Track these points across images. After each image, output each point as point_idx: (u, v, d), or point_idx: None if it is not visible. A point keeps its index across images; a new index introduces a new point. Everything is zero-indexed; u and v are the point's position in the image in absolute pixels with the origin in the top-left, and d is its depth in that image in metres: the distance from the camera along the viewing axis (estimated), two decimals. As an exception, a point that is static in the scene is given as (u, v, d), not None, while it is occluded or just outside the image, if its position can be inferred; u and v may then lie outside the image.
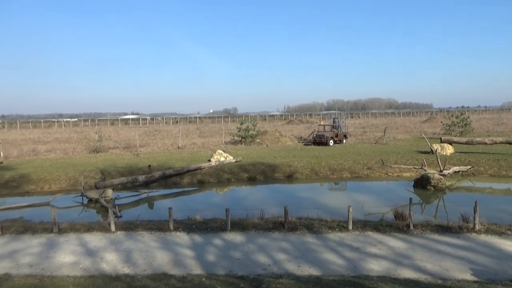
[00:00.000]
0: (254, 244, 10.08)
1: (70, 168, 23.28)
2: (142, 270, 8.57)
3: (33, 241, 10.76)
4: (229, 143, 35.91)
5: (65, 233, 11.42)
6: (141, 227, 11.69)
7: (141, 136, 45.56)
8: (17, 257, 9.54)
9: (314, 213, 12.83)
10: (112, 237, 10.99)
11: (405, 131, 47.12)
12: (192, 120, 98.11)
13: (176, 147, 34.42)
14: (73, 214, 15.67)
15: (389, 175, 21.75)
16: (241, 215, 12.78)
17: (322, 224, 11.46)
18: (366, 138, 38.55)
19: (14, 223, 12.77)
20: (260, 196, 18.63)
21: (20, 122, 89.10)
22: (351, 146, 32.30)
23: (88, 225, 12.14)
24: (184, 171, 21.67)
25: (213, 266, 8.72)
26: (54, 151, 32.97)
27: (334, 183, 21.11)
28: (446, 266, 8.46)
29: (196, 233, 11.09)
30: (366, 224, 11.43)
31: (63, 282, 7.72)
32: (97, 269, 8.68)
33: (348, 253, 9.27)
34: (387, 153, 26.32)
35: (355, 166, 22.79)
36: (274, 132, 39.45)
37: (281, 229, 11.16)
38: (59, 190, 19.64)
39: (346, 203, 12.85)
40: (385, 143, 33.22)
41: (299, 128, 54.90)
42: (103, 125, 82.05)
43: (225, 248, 9.86)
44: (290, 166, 22.84)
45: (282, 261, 8.91)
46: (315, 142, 33.45)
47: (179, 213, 13.14)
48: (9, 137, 50.20)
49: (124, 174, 21.48)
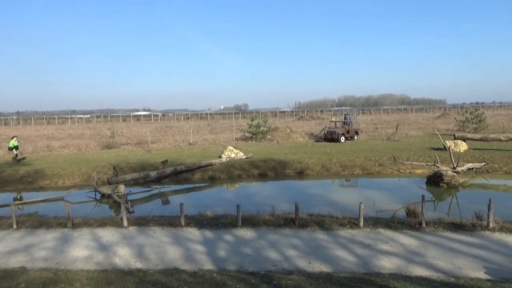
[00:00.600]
0: (265, 240, 10.11)
1: (83, 163, 23.60)
2: (154, 265, 8.67)
3: (47, 236, 10.96)
4: (240, 140, 35.95)
5: (79, 227, 11.61)
6: (153, 223, 11.81)
7: (153, 132, 45.89)
8: (32, 251, 9.73)
9: (325, 210, 12.79)
10: (125, 232, 11.12)
11: (417, 127, 46.56)
12: (203, 117, 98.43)
13: (187, 143, 34.60)
14: (86, 209, 15.90)
15: (401, 172, 21.55)
16: (252, 211, 12.82)
17: (333, 221, 11.43)
18: (377, 134, 38.21)
19: (29, 217, 13.01)
20: (270, 192, 18.64)
21: (34, 119, 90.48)
22: (363, 142, 32.05)
23: (101, 220, 12.30)
24: (195, 167, 21.79)
25: (224, 261, 8.77)
26: (68, 147, 33.43)
27: (345, 180, 21.00)
28: (459, 264, 8.37)
29: (207, 228, 11.16)
30: (377, 221, 11.35)
31: (77, 276, 7.86)
32: (110, 263, 8.80)
33: (359, 250, 9.23)
34: (399, 150, 26.07)
35: (366, 162, 22.63)
36: (285, 128, 39.36)
37: (291, 225, 11.16)
38: (73, 186, 19.94)
39: (358, 200, 12.78)
40: (397, 139, 32.91)
41: (310, 125, 54.66)
42: (115, 121, 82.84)
43: (236, 244, 9.90)
44: (301, 162, 22.79)
45: (292, 257, 8.92)
46: (326, 138, 33.31)
47: (190, 209, 13.22)
48: (24, 133, 51.07)
49: (136, 170, 21.69)
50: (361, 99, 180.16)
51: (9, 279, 7.69)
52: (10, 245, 10.22)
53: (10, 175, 21.28)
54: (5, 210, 14.49)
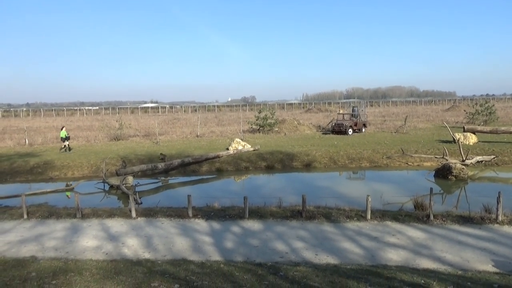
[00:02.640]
0: (272, 232, 10.15)
1: (92, 155, 23.82)
2: (162, 255, 8.76)
3: (57, 226, 11.12)
4: (247, 132, 35.96)
5: (88, 218, 11.76)
6: (161, 214, 11.92)
7: (160, 124, 46.06)
8: (43, 241, 9.89)
9: (332, 202, 12.79)
10: (133, 223, 11.24)
11: (426, 120, 46.15)
12: (210, 109, 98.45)
13: (194, 135, 34.71)
14: (95, 200, 16.08)
15: (409, 164, 21.44)
16: (259, 203, 12.86)
17: (340, 213, 11.43)
18: (386, 127, 37.97)
19: (40, 208, 13.21)
20: (278, 184, 18.67)
21: (44, 110, 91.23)
22: (371, 135, 31.90)
23: (110, 211, 12.45)
24: (202, 159, 21.88)
25: (231, 253, 8.83)
26: (77, 138, 33.73)
27: (353, 172, 20.96)
28: (466, 257, 8.33)
29: (215, 220, 11.24)
30: (385, 214, 11.34)
31: (86, 265, 7.97)
32: (119, 253, 8.92)
33: (366, 243, 9.23)
34: (408, 142, 25.91)
35: (374, 155, 22.54)
36: (292, 120, 39.28)
37: (299, 217, 11.19)
38: (82, 177, 20.16)
39: (365, 192, 12.75)
40: (406, 132, 32.68)
41: (317, 117, 54.45)
42: (124, 113, 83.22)
43: (243, 235, 9.96)
44: (308, 155, 22.77)
45: (299, 249, 8.95)
46: (334, 131, 33.20)
47: (198, 201, 13.31)
48: (34, 125, 51.60)
49: (144, 161, 21.84)
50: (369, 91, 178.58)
51: (20, 268, 7.84)
52: (21, 235, 10.40)
53: (20, 166, 21.57)
54: (16, 200, 14.72)
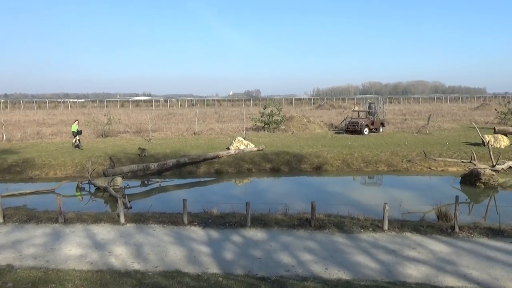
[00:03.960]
0: (277, 242, 10.15)
1: (77, 153, 23.91)
2: (154, 266, 8.78)
3: (37, 231, 11.17)
4: (251, 130, 35.97)
5: (71, 223, 11.80)
6: (153, 220, 11.95)
7: (154, 120, 46.14)
8: (21, 248, 9.93)
9: (345, 210, 12.77)
10: (122, 229, 11.28)
11: (452, 119, 46.00)
12: (209, 103, 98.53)
13: (191, 132, 34.76)
14: (79, 203, 16.15)
15: (433, 169, 21.38)
16: (263, 210, 12.88)
17: (353, 223, 11.42)
18: (406, 126, 37.88)
19: (17, 211, 13.27)
20: (284, 189, 18.66)
21: (23, 102, 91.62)
22: (389, 135, 31.85)
23: (96, 216, 12.50)
24: (200, 160, 21.91)
25: (231, 265, 8.84)
26: (60, 134, 33.88)
27: (369, 177, 20.91)
28: (495, 274, 8.29)
29: (213, 228, 11.25)
30: (404, 224, 11.32)
31: (68, 276, 8.00)
32: (105, 263, 8.94)
33: (383, 256, 9.21)
34: (431, 144, 25.84)
35: (393, 158, 22.50)
36: (301, 118, 39.27)
37: (307, 226, 11.19)
38: (65, 177, 20.23)
39: (382, 200, 12.71)
40: (429, 132, 32.59)
41: (329, 114, 54.39)
42: (113, 106, 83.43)
43: (244, 245, 9.96)
44: (319, 156, 22.76)
45: (307, 262, 8.94)
46: (348, 130, 33.16)
47: (194, 206, 13.31)
48: (12, 118, 51.80)
49: (135, 161, 21.90)
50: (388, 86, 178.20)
51: (-4, 277, 7.87)
52: (-3, 241, 10.45)
53: (-3, 164, 21.68)
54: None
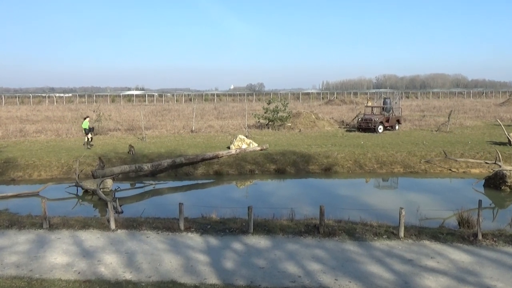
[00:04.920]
0: (282, 250, 10.15)
1: (63, 152, 23.97)
2: (147, 276, 8.80)
3: (19, 238, 11.20)
4: (253, 127, 35.99)
5: (57, 229, 11.83)
6: (146, 226, 11.97)
7: (147, 116, 46.27)
8: (2, 256, 9.96)
9: (357, 216, 12.77)
10: (112, 236, 11.30)
11: (475, 116, 45.88)
12: (208, 98, 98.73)
13: (188, 130, 34.80)
14: (66, 207, 16.18)
15: (453, 171, 21.35)
16: (267, 215, 12.89)
17: (366, 229, 11.41)
18: (425, 124, 37.82)
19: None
20: (290, 192, 18.66)
21: (5, 97, 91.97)
22: (406, 133, 31.81)
23: (84, 221, 12.52)
24: (198, 160, 21.93)
25: (232, 275, 8.84)
26: (45, 132, 33.98)
27: (383, 179, 20.91)
28: (523, 286, 8.27)
29: (212, 234, 11.26)
30: (421, 231, 11.29)
31: (54, 286, 8.03)
32: (93, 272, 8.96)
33: (399, 266, 9.19)
34: (452, 144, 25.79)
35: (410, 158, 22.47)
36: (309, 114, 39.26)
37: (315, 233, 11.18)
38: (50, 179, 20.30)
39: (398, 204, 12.69)
40: (449, 131, 32.50)
41: (340, 110, 54.35)
42: (102, 102, 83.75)
43: (246, 254, 9.97)
44: (328, 156, 22.75)
45: (315, 272, 8.94)
46: (361, 127, 33.13)
47: (192, 210, 13.35)
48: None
49: (127, 161, 21.95)
50: (405, 79, 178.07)
51: (-25, 288, 7.91)
52: (-24, 248, 10.48)
53: (-24, 164, 21.76)
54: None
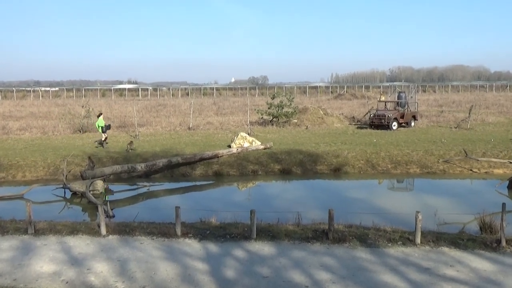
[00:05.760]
0: (288, 258, 10.14)
1: (50, 151, 24.02)
2: (141, 286, 8.81)
3: (2, 244, 11.22)
4: (256, 124, 36.00)
5: (43, 235, 11.85)
6: (140, 231, 11.98)
7: (141, 112, 46.31)
8: (-16, 264, 9.98)
9: (369, 220, 12.76)
10: (103, 242, 11.31)
11: (498, 111, 45.77)
12: (207, 92, 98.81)
13: (185, 127, 34.84)
14: (53, 211, 16.20)
15: (475, 171, 21.32)
16: (271, 219, 12.87)
17: (379, 235, 11.39)
18: (443, 120, 37.76)
19: (-20, 220, 13.33)
20: (296, 195, 18.66)
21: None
22: (422, 130, 31.79)
23: (72, 226, 12.54)
24: (196, 159, 21.94)
25: (233, 284, 8.84)
26: (29, 129, 34.04)
27: (397, 181, 20.91)
28: (551, 297, 8.25)
29: (211, 241, 11.26)
30: (440, 237, 11.27)
31: (40, 297, 8.04)
32: (83, 282, 8.97)
33: (415, 275, 9.18)
34: (473, 142, 25.75)
35: (427, 158, 22.44)
36: (317, 110, 39.24)
37: (323, 239, 11.18)
38: (36, 180, 20.34)
39: (414, 208, 12.67)
40: (470, 127, 32.45)
41: (351, 105, 54.32)
42: (92, 96, 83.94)
43: (248, 261, 9.97)
44: (338, 156, 22.74)
45: (324, 282, 8.93)
46: (373, 124, 33.12)
47: (189, 214, 13.36)
48: (-27, 110, 52.21)
49: (118, 161, 21.97)
50: (421, 71, 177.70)
51: (-46, 298, 7.93)
52: (-45, 255, 10.51)
53: (-45, 164, 21.82)
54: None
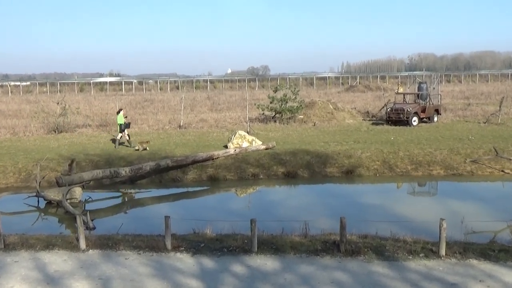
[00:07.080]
0: (294, 273, 10.14)
1: (21, 155, 24.01)
2: (126, 307, 8.81)
3: (-32, 261, 11.22)
4: (257, 121, 35.99)
5: (14, 250, 11.84)
6: (124, 244, 11.96)
7: (124, 109, 46.25)
8: None
9: (387, 229, 12.74)
10: (82, 258, 11.31)
11: (533, 104, 45.74)
12: (200, 85, 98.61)
13: (176, 125, 34.82)
14: (25, 222, 16.18)
15: (507, 172, 21.30)
16: (274, 230, 12.87)
17: (398, 247, 11.38)
18: (470, 114, 37.72)
19: None
20: (303, 201, 18.65)
21: None
22: (447, 126, 31.76)
23: (47, 240, 12.52)
24: (188, 162, 21.93)
25: (231, 305, 8.85)
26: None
27: (419, 184, 20.91)
28: None
29: (206, 255, 11.25)
30: (468, 248, 11.26)
31: (11, 321, 8.04)
32: (60, 304, 8.99)
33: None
34: (504, 139, 25.73)
35: (452, 158, 22.41)
36: (325, 104, 39.21)
37: (334, 252, 11.17)
38: (5, 188, 20.33)
39: (438, 215, 12.65)
40: (501, 122, 32.40)
41: (364, 98, 54.30)
42: (68, 91, 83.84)
43: (249, 278, 9.97)
44: (350, 156, 22.72)
45: (335, 300, 8.94)
46: (390, 120, 33.10)
47: (181, 225, 13.34)
48: None
49: (99, 165, 21.94)
50: (445, 59, 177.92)
51: None
52: None
53: None
54: None
